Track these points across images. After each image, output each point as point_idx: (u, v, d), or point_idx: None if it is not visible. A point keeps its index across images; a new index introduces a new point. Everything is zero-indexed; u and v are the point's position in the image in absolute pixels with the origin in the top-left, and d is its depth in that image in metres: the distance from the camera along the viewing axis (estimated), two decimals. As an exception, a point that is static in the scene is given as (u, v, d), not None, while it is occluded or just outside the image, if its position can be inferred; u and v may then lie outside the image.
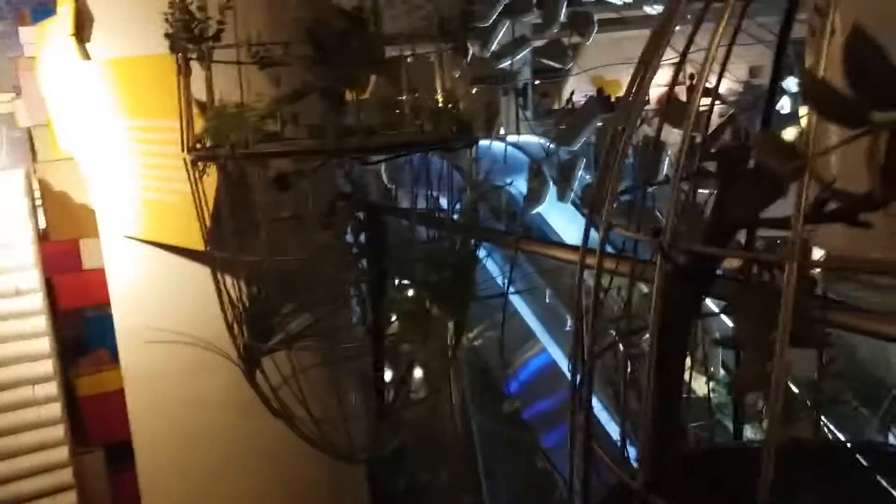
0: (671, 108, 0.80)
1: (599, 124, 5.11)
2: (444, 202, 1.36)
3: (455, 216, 1.27)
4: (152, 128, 1.89)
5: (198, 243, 1.87)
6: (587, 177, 5.99)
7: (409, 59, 1.17)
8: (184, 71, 1.18)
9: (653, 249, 0.55)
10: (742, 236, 0.70)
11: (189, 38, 1.08)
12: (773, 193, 0.50)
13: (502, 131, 7.05)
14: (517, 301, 5.84)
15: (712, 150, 0.63)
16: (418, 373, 1.42)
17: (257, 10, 1.11)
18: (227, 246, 1.28)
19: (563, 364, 6.45)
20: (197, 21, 1.06)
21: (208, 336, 1.75)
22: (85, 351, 2.73)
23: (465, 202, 1.28)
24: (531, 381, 5.94)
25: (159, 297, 2.09)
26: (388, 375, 1.26)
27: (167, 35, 1.15)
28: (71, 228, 2.65)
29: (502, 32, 6.93)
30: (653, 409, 0.54)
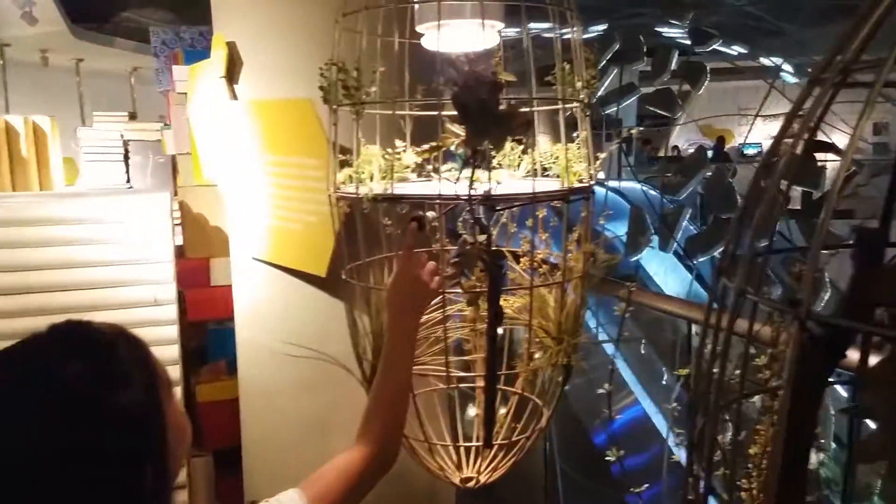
0: (790, 164, 0.82)
1: (709, 174, 5.04)
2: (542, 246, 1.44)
3: (562, 261, 1.35)
4: (286, 163, 2.09)
5: (319, 269, 2.04)
6: (691, 227, 5.88)
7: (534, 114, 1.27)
8: (336, 120, 1.32)
9: (790, 318, 0.58)
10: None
11: (345, 94, 1.23)
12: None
13: (602, 176, 7.05)
14: (610, 349, 5.76)
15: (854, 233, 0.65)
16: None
17: (404, 74, 1.25)
18: (359, 275, 1.41)
19: (657, 418, 6.26)
20: (353, 80, 1.21)
21: (323, 353, 1.89)
22: (205, 361, 2.96)
23: (576, 250, 1.36)
24: (621, 433, 5.81)
25: (279, 316, 2.26)
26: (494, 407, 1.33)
27: (322, 88, 1.30)
28: (204, 248, 2.92)
29: (610, 79, 6.98)
30: (779, 480, 0.57)
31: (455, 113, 1.09)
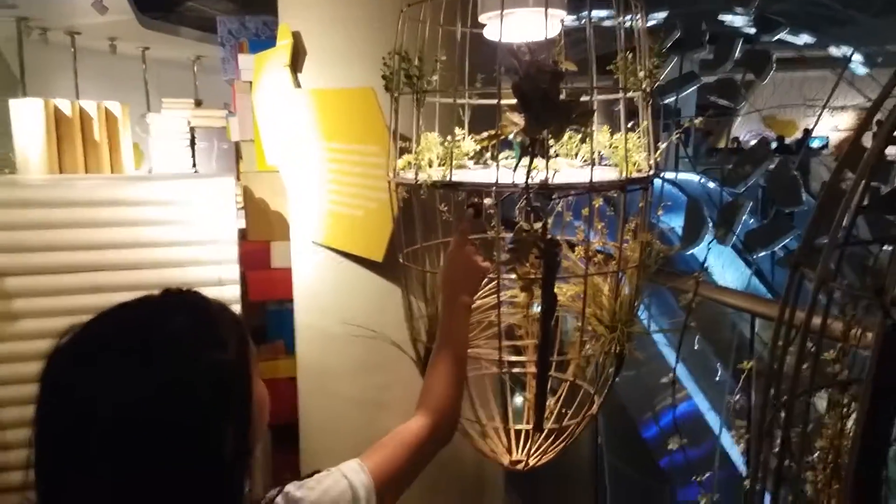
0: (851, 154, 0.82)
1: (772, 167, 4.89)
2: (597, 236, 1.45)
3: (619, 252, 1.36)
4: (348, 150, 2.14)
5: (376, 254, 2.09)
6: (751, 221, 5.72)
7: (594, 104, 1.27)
8: (397, 108, 1.36)
9: (875, 307, 0.58)
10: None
11: (406, 82, 1.26)
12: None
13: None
14: (662, 345, 5.69)
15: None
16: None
17: (464, 63, 1.27)
18: (415, 260, 1.45)
19: (708, 415, 6.16)
20: (416, 68, 1.24)
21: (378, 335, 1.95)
22: (263, 340, 3.06)
23: (633, 240, 1.36)
24: (672, 427, 5.73)
25: (336, 299, 2.33)
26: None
27: (384, 77, 1.34)
28: (265, 231, 3.01)
29: (669, 67, 6.82)
30: (855, 476, 0.57)
31: (514, 102, 1.11)
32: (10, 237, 2.49)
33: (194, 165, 3.50)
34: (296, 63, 2.29)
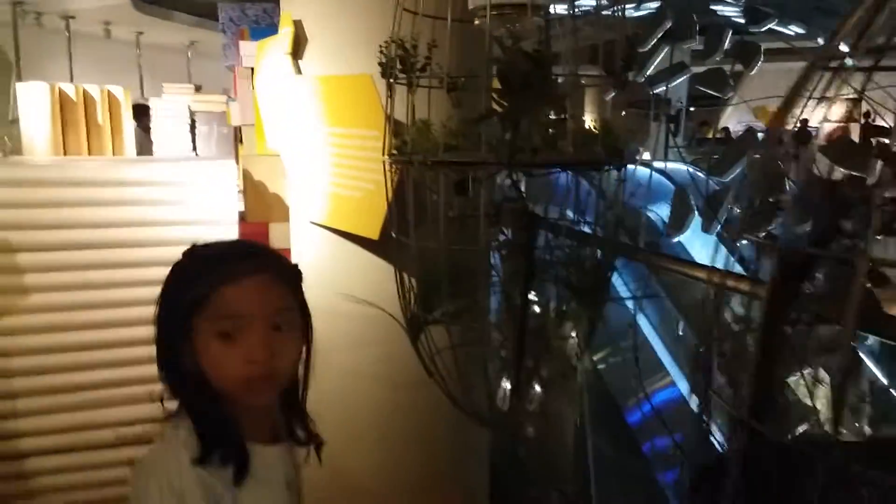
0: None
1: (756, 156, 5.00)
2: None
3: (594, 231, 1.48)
4: (347, 135, 2.26)
5: (372, 233, 2.21)
6: (735, 210, 5.85)
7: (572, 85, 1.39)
8: (392, 93, 1.48)
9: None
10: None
11: (401, 68, 1.38)
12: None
13: (647, 156, 7.03)
14: (647, 330, 5.80)
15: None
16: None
17: (456, 49, 1.39)
18: (407, 234, 1.56)
19: (693, 401, 6.30)
20: (409, 55, 1.35)
21: (374, 310, 2.07)
22: (262, 318, 3.17)
23: (604, 220, 1.49)
24: (655, 414, 5.87)
25: (334, 276, 2.45)
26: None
27: (380, 63, 1.45)
28: (264, 213, 3.13)
29: (660, 57, 6.93)
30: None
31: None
32: (20, 214, 2.60)
33: (195, 149, 3.60)
34: (297, 50, 2.39)
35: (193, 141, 3.56)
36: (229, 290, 1.06)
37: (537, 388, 1.50)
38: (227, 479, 1.05)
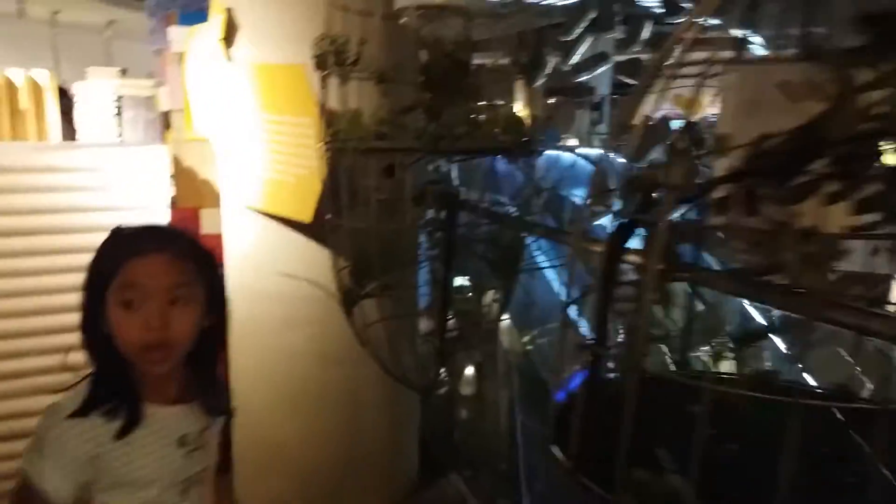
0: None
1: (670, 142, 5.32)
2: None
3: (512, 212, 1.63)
4: (279, 122, 2.33)
5: (306, 216, 2.30)
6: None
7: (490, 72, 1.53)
8: (325, 84, 1.58)
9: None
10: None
11: (335, 61, 1.48)
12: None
13: (572, 143, 7.31)
14: (575, 314, 6.07)
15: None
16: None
17: (385, 47, 1.50)
18: (340, 216, 1.68)
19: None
20: (342, 51, 1.46)
21: (306, 292, 2.17)
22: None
23: (521, 200, 1.64)
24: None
25: (268, 259, 2.53)
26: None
27: (315, 56, 1.55)
28: (194, 198, 3.14)
29: (585, 47, 7.19)
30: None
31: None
32: (-60, 202, 2.55)
33: (120, 135, 3.56)
34: (229, 38, 2.44)
35: (120, 126, 3.52)
36: (133, 263, 1.19)
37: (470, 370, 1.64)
38: (112, 430, 1.21)
